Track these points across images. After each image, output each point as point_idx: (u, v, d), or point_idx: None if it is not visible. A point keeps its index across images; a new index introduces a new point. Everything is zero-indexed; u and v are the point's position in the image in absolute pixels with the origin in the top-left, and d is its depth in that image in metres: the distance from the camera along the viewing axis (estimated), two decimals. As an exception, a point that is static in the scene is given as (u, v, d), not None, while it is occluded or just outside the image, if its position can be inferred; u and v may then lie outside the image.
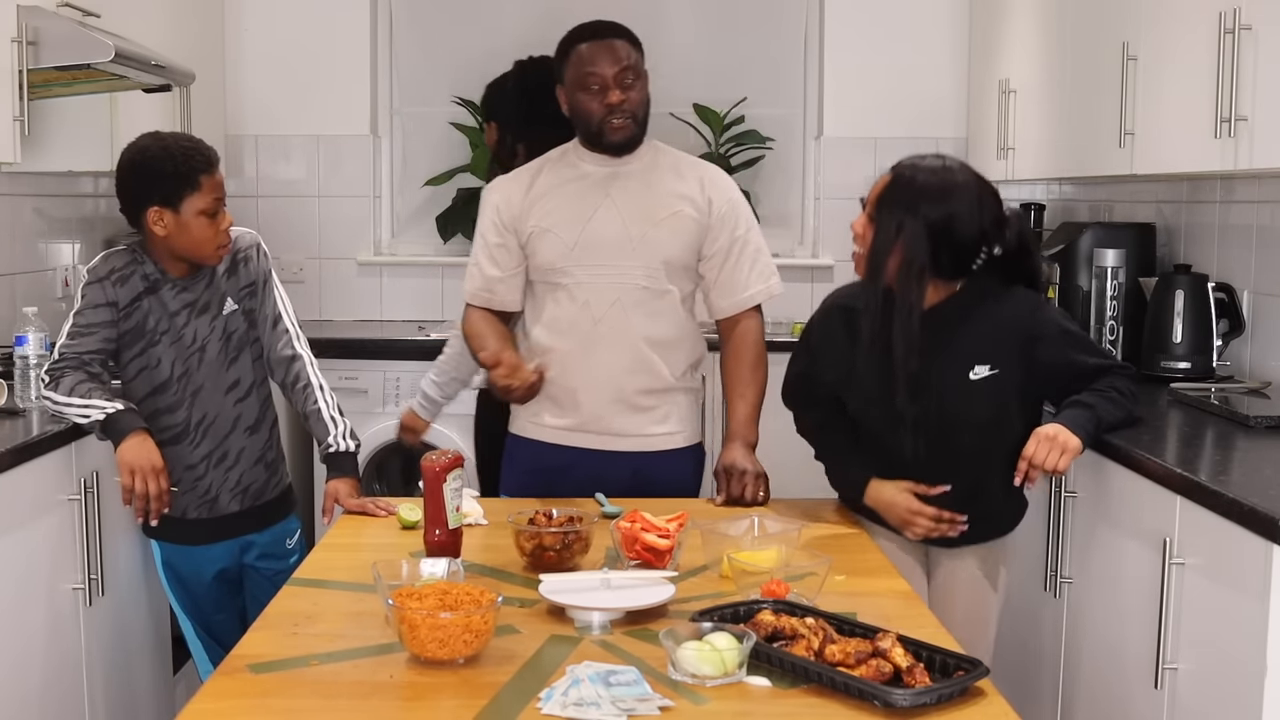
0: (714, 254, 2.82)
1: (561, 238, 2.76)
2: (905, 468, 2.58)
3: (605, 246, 2.76)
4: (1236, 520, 2.13)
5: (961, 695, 1.71)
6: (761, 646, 1.80)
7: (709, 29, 5.14)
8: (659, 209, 2.79)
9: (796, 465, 3.00)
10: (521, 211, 2.81)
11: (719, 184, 2.86)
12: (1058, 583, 2.91)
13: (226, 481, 2.78)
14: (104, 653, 2.88)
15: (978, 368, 2.55)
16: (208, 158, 2.67)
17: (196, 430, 2.74)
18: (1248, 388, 3.17)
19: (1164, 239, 3.78)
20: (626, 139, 2.77)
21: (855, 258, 2.58)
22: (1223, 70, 2.77)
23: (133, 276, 2.69)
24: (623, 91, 2.74)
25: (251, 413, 2.81)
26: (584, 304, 2.76)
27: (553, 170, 2.84)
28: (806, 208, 5.17)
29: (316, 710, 1.72)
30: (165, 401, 2.73)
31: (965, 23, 4.97)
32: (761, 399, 2.88)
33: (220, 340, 2.75)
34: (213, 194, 2.65)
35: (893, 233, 2.48)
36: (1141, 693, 2.51)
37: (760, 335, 2.90)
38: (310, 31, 5.01)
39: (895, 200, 2.50)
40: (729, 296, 2.85)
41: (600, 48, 2.76)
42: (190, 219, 2.63)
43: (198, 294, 2.74)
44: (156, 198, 2.63)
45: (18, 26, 2.95)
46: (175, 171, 2.63)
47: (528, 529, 2.25)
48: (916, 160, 2.57)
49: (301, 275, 5.09)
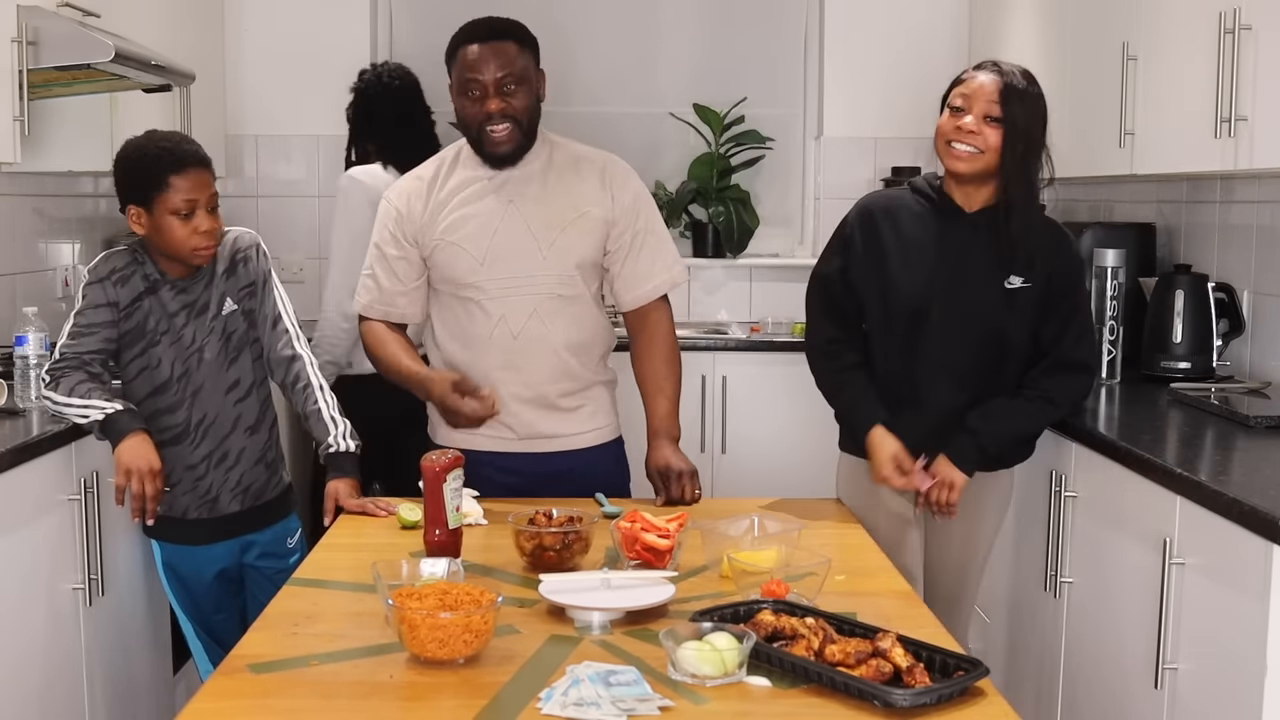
0: (617, 249, 2.78)
1: (469, 252, 2.70)
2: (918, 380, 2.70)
3: (515, 258, 2.70)
4: (1236, 520, 2.13)
5: (961, 695, 1.71)
6: (761, 646, 1.80)
7: (709, 29, 5.14)
8: (565, 212, 2.72)
9: (797, 465, 3.00)
10: (424, 224, 2.74)
11: (619, 177, 2.79)
12: (1058, 583, 2.91)
13: (227, 482, 2.77)
14: (104, 653, 2.88)
15: (1013, 278, 2.66)
16: (179, 158, 2.63)
17: (196, 430, 2.74)
18: (1248, 388, 3.17)
19: (1164, 239, 3.78)
20: (507, 151, 2.68)
21: (960, 156, 2.64)
22: (1223, 70, 2.77)
23: (133, 277, 2.69)
24: (502, 99, 2.65)
25: (252, 413, 2.80)
26: (500, 319, 2.71)
27: (449, 176, 2.76)
28: (806, 208, 5.17)
29: (316, 710, 1.72)
30: (165, 402, 2.72)
31: (965, 23, 4.97)
32: (679, 391, 2.84)
33: (219, 341, 2.74)
34: (184, 194, 2.61)
35: (1023, 124, 2.60)
36: (1141, 693, 2.51)
37: (670, 326, 2.86)
38: (310, 31, 5.01)
39: (1019, 95, 2.61)
40: (633, 289, 2.81)
41: (483, 52, 2.66)
42: (162, 219, 2.63)
43: (196, 295, 2.73)
44: (132, 197, 2.65)
45: (18, 26, 2.95)
46: (146, 171, 2.63)
47: (528, 529, 2.25)
48: (997, 62, 2.70)
49: (301, 275, 5.08)
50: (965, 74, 2.70)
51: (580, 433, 2.81)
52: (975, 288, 2.67)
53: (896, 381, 2.74)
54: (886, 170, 4.97)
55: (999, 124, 2.60)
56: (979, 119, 2.61)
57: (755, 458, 4.46)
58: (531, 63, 2.71)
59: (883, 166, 5.01)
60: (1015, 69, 2.66)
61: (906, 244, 2.71)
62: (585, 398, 2.81)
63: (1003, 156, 2.62)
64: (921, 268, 2.69)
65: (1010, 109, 2.60)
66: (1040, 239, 2.68)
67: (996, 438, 2.70)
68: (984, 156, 2.62)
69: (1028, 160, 2.63)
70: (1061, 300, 2.68)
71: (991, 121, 2.61)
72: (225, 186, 5.16)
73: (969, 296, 2.67)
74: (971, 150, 2.62)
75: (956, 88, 2.69)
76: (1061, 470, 2.90)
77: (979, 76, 2.65)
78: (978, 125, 2.61)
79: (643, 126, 5.09)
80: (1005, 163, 2.62)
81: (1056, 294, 2.68)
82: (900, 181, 4.82)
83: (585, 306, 2.78)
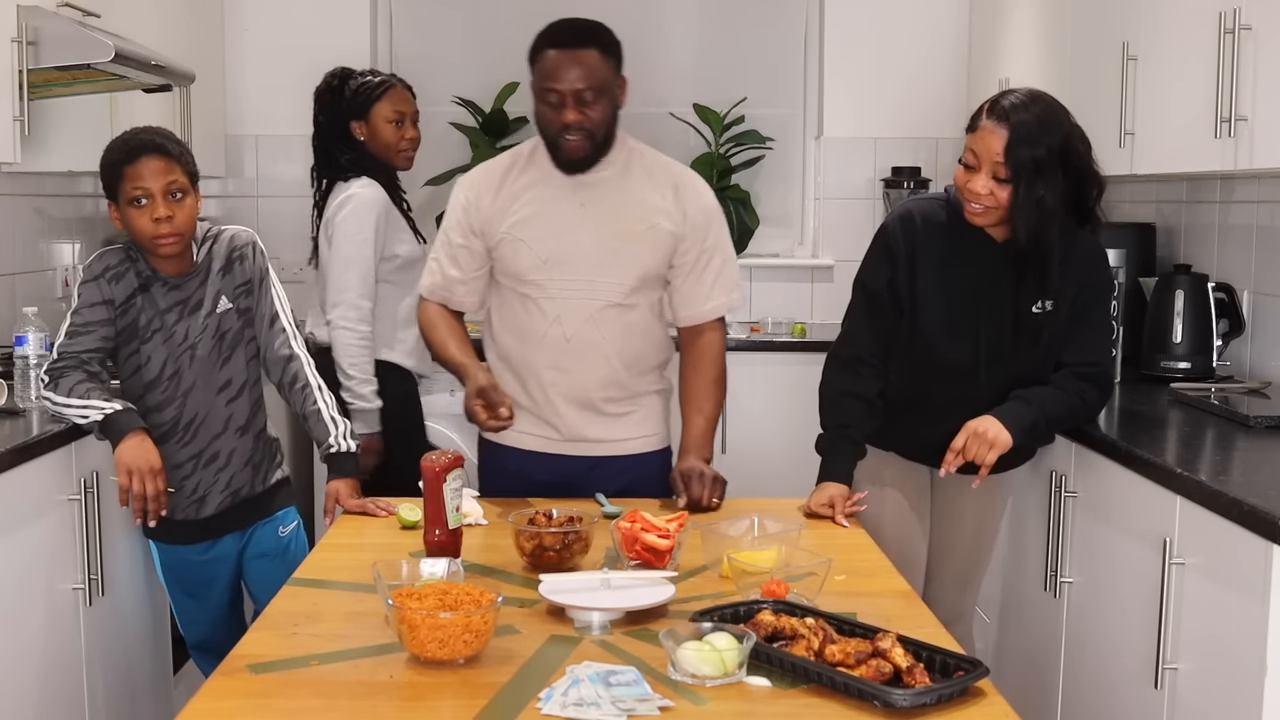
0: (682, 264, 2.75)
1: (534, 250, 2.69)
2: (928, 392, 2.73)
3: (579, 261, 2.69)
4: (1236, 520, 2.13)
5: (961, 695, 1.71)
6: (761, 647, 1.80)
7: (709, 29, 5.14)
8: (635, 223, 2.70)
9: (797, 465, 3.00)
10: (491, 216, 2.73)
11: (694, 192, 2.77)
12: (1058, 583, 2.91)
13: (216, 483, 2.76)
14: (104, 653, 2.88)
15: (1040, 302, 2.67)
16: (132, 148, 2.62)
17: (186, 430, 2.72)
18: (1248, 388, 3.17)
19: (1164, 239, 3.78)
20: (579, 159, 2.66)
21: (975, 213, 2.61)
22: (1223, 70, 2.77)
23: (126, 274, 2.68)
24: (579, 111, 2.61)
25: (243, 413, 2.77)
26: (555, 319, 2.70)
27: (523, 171, 2.75)
28: (806, 208, 5.17)
29: (316, 710, 1.72)
30: (154, 399, 2.71)
31: (965, 23, 4.97)
32: (719, 414, 2.84)
33: (212, 339, 2.72)
34: (134, 182, 2.60)
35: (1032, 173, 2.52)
36: (1141, 693, 2.51)
37: (721, 350, 2.85)
38: (310, 32, 5.00)
39: (1028, 148, 2.52)
40: (690, 307, 2.80)
41: (564, 60, 2.61)
42: (124, 211, 2.63)
43: (189, 292, 2.71)
44: (107, 194, 2.67)
45: (18, 26, 2.95)
46: (107, 166, 2.64)
47: (528, 529, 2.25)
48: (1014, 100, 2.58)
49: (301, 275, 5.05)
50: (978, 119, 2.60)
51: (626, 439, 2.79)
52: (999, 319, 2.67)
53: (906, 385, 2.75)
54: (886, 170, 4.97)
55: (1008, 183, 2.55)
56: (988, 178, 2.56)
57: (755, 458, 4.45)
58: (612, 71, 2.66)
59: (883, 166, 5.01)
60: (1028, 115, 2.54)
61: (940, 263, 2.69)
62: (635, 405, 2.79)
63: (1011, 213, 2.57)
64: (950, 290, 2.68)
65: (1017, 163, 2.52)
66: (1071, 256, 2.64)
67: (1045, 412, 2.67)
68: (999, 211, 2.59)
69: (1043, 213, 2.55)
70: (1087, 315, 2.69)
71: (1001, 182, 2.55)
72: (225, 186, 5.19)
73: (992, 326, 2.67)
74: (984, 209, 2.60)
75: (969, 136, 2.61)
76: (1061, 470, 2.90)
77: (988, 129, 2.56)
78: (986, 185, 2.56)
79: (643, 126, 5.04)
80: (1015, 218, 2.58)
81: (1083, 308, 2.68)
82: (901, 183, 4.86)
83: (642, 317, 2.76)
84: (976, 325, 2.68)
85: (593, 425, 2.76)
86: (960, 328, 2.69)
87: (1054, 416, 2.71)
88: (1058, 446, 2.91)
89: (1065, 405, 2.70)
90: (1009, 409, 2.65)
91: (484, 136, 4.96)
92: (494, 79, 4.98)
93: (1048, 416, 2.69)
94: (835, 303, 4.94)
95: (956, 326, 2.69)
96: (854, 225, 5.05)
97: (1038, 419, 2.66)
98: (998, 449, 2.62)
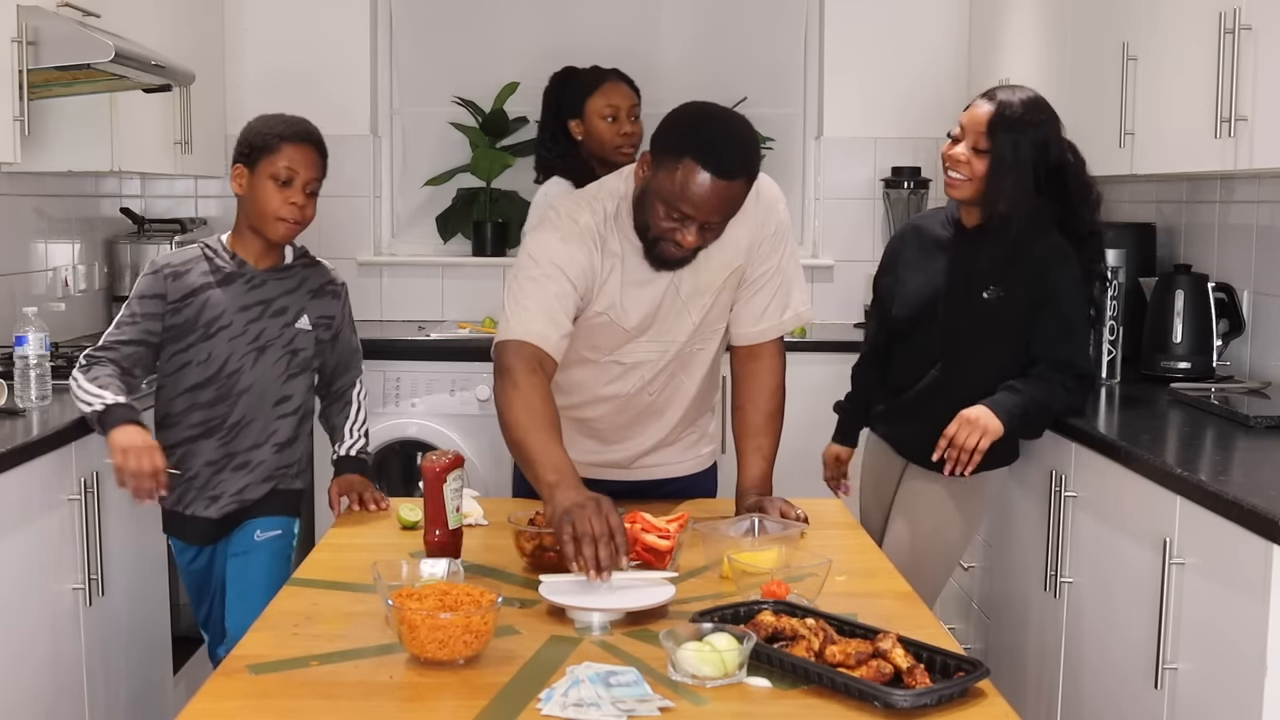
0: (745, 284, 2.58)
1: (624, 327, 2.50)
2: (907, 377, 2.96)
3: (666, 329, 2.52)
4: (1236, 520, 2.13)
5: (962, 696, 1.71)
6: (762, 647, 1.80)
7: (709, 29, 5.13)
8: (717, 273, 2.51)
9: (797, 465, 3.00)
10: (592, 282, 2.44)
11: (766, 205, 2.55)
12: (1058, 583, 2.91)
13: (232, 486, 2.75)
14: (104, 653, 2.88)
15: (992, 287, 2.83)
16: (296, 130, 2.69)
17: (231, 431, 2.72)
18: (1248, 388, 3.17)
19: (1164, 239, 3.78)
20: (674, 263, 2.43)
21: (953, 183, 2.82)
22: (1223, 70, 2.77)
23: (191, 271, 2.70)
24: (701, 235, 2.36)
25: (286, 431, 2.78)
26: (639, 377, 2.56)
27: (614, 237, 2.46)
28: (806, 208, 5.16)
29: (316, 710, 1.72)
30: (206, 396, 2.71)
31: (965, 23, 4.97)
32: (777, 449, 2.63)
33: (283, 350, 2.74)
34: (287, 161, 2.65)
35: (1010, 155, 2.73)
36: (1141, 693, 2.51)
37: (780, 377, 2.63)
38: (310, 31, 5.00)
39: (1007, 125, 2.74)
40: (744, 326, 2.60)
41: (714, 190, 2.28)
42: (260, 181, 2.66)
43: (273, 294, 2.73)
44: (240, 156, 2.69)
45: (18, 26, 2.95)
46: (260, 133, 2.68)
47: (528, 529, 2.25)
48: (1008, 89, 2.84)
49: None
50: (973, 101, 2.85)
51: (683, 460, 2.75)
52: (953, 300, 2.87)
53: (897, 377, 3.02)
54: (886, 170, 4.97)
55: (986, 155, 2.75)
56: (969, 148, 2.78)
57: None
58: (737, 204, 2.37)
59: (883, 166, 5.01)
60: (1017, 99, 2.78)
61: (917, 259, 2.95)
62: (695, 428, 2.75)
63: (985, 184, 2.77)
64: (916, 280, 2.93)
65: (998, 140, 2.74)
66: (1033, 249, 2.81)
67: (1034, 400, 2.80)
68: (973, 183, 2.79)
69: (1017, 188, 2.74)
70: (1047, 308, 2.81)
71: (980, 153, 2.76)
72: (225, 186, 5.17)
73: (947, 308, 2.87)
74: (961, 177, 2.80)
75: (962, 115, 2.85)
76: (1061, 470, 2.90)
77: (977, 106, 2.80)
78: (967, 154, 2.78)
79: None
80: (986, 191, 2.78)
81: (1040, 301, 2.81)
82: (901, 183, 4.87)
83: (713, 350, 2.63)
84: (935, 311, 2.88)
85: (654, 455, 2.70)
86: (925, 314, 2.90)
87: (1042, 405, 2.82)
88: (1058, 446, 2.92)
89: (1051, 394, 2.82)
90: (998, 398, 2.80)
91: (484, 136, 4.96)
92: (494, 79, 4.98)
93: (1037, 404, 2.81)
94: (836, 303, 4.99)
95: (923, 314, 2.90)
96: (854, 225, 5.05)
97: (1027, 406, 2.80)
98: (989, 435, 2.77)
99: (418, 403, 4.38)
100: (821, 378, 3.72)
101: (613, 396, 2.60)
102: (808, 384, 2.86)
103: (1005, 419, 2.76)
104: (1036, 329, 2.82)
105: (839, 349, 4.16)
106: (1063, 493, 2.88)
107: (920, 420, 2.90)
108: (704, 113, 2.42)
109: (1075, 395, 2.85)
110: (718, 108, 2.46)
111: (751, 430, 2.61)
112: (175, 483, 2.67)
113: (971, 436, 2.76)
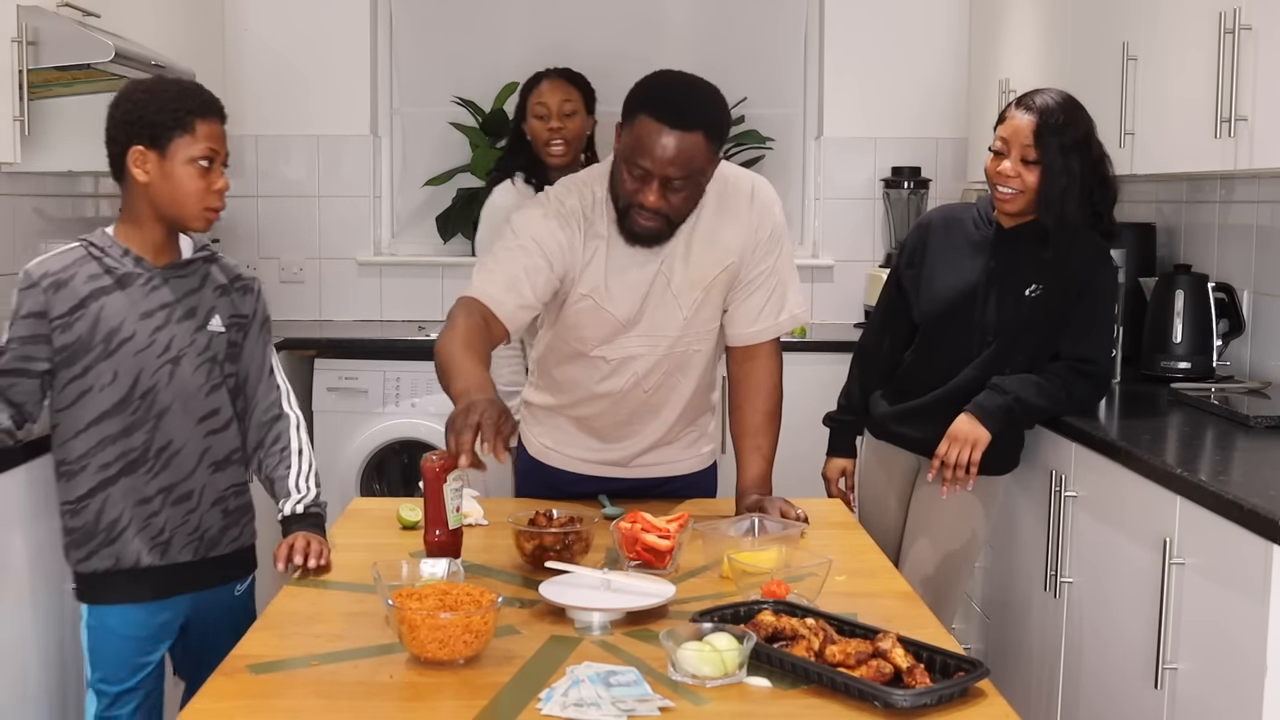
0: (740, 284, 2.57)
1: (614, 316, 2.48)
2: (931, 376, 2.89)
3: (655, 322, 2.51)
4: (1236, 520, 2.13)
5: (962, 696, 1.71)
6: (762, 647, 1.80)
7: (709, 29, 5.14)
8: (709, 268, 2.50)
9: (797, 465, 3.00)
10: (572, 263, 2.44)
11: (762, 209, 2.53)
12: (1058, 583, 2.91)
13: (185, 524, 2.38)
14: (104, 653, 2.87)
15: (1034, 285, 2.81)
16: (206, 102, 2.34)
17: (157, 458, 2.33)
18: (1248, 388, 3.17)
19: (1164, 239, 3.78)
20: (646, 236, 2.41)
21: (1004, 198, 2.77)
22: (1223, 70, 2.77)
23: (74, 279, 2.28)
24: (663, 195, 2.33)
25: (223, 448, 2.41)
26: (631, 375, 2.55)
27: (602, 220, 2.45)
28: (806, 208, 5.17)
29: (316, 710, 1.72)
30: (120, 424, 2.31)
31: (965, 23, 4.97)
32: (776, 449, 2.63)
33: (200, 357, 2.36)
34: (208, 142, 2.30)
35: (1059, 162, 2.70)
36: (1141, 693, 2.51)
37: (778, 378, 2.63)
38: (310, 31, 5.01)
39: (1053, 132, 2.71)
40: (740, 326, 2.59)
41: (666, 143, 2.28)
42: (177, 167, 2.28)
43: (178, 295, 2.34)
44: (140, 136, 2.29)
45: (18, 26, 2.95)
46: (165, 107, 2.30)
47: (528, 529, 2.25)
48: (1039, 93, 2.78)
49: (301, 275, 5.09)
50: (1007, 112, 2.80)
51: (683, 459, 2.74)
52: (994, 300, 2.82)
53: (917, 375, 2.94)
54: (886, 170, 4.98)
55: (1036, 165, 2.72)
56: (1016, 162, 2.74)
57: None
58: (712, 156, 2.36)
59: (883, 166, 5.01)
60: (1053, 102, 2.74)
61: (948, 255, 2.89)
62: (695, 427, 2.73)
63: (1039, 195, 2.74)
64: (947, 278, 2.87)
65: (1047, 148, 2.70)
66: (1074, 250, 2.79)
67: (1021, 400, 2.79)
68: (1026, 195, 2.76)
69: (1068, 194, 2.72)
70: (1083, 307, 2.80)
71: (1029, 164, 2.73)
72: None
73: (988, 308, 2.82)
74: (1012, 191, 2.76)
75: (998, 128, 2.81)
76: (1061, 470, 2.90)
77: (1016, 117, 2.76)
78: (1015, 168, 2.74)
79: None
80: (1041, 201, 2.74)
81: (1079, 299, 2.80)
82: (901, 183, 4.87)
83: (711, 349, 2.62)
84: (967, 310, 2.83)
85: (653, 452, 2.70)
86: (957, 312, 2.84)
87: (1032, 405, 2.81)
88: (1058, 446, 2.92)
89: (1048, 395, 2.81)
90: (978, 401, 2.80)
91: (484, 136, 4.96)
92: (494, 79, 4.98)
93: (1024, 405, 2.80)
94: (835, 303, 4.99)
95: (954, 312, 2.85)
96: (854, 225, 5.06)
97: (1011, 406, 2.79)
98: (980, 446, 2.77)
99: (418, 403, 4.38)
100: (821, 378, 3.73)
101: (607, 394, 2.59)
102: (807, 385, 2.86)
103: (988, 424, 2.77)
104: (1071, 328, 2.81)
105: (839, 349, 4.16)
106: (1063, 493, 2.88)
107: (950, 422, 2.81)
108: (661, 72, 2.43)
109: (1083, 399, 2.85)
110: (678, 71, 2.44)
111: (750, 430, 2.63)
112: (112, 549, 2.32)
113: (964, 452, 2.77)
